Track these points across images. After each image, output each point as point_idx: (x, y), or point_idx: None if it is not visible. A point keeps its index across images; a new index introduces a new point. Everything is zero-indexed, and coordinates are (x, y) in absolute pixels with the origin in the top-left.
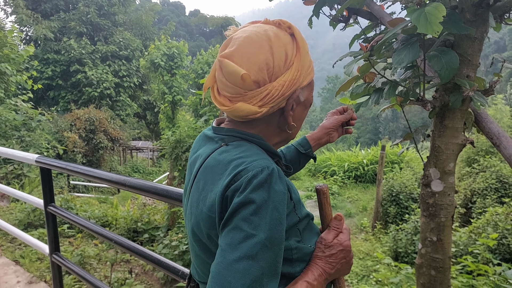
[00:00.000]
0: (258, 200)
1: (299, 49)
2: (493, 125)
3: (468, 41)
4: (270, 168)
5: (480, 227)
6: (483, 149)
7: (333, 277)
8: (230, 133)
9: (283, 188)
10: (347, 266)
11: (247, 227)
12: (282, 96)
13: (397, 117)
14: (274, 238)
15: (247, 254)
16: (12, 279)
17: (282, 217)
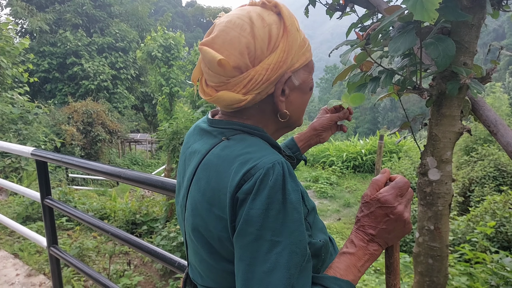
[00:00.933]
0: (276, 204)
1: (286, 28)
2: (490, 113)
3: (465, 28)
4: (281, 164)
5: (478, 216)
6: (481, 138)
7: (382, 240)
8: (230, 125)
9: (296, 185)
10: (395, 226)
11: (270, 235)
12: (267, 81)
13: (396, 107)
14: (299, 241)
15: (277, 264)
16: (11, 272)
17: (302, 216)
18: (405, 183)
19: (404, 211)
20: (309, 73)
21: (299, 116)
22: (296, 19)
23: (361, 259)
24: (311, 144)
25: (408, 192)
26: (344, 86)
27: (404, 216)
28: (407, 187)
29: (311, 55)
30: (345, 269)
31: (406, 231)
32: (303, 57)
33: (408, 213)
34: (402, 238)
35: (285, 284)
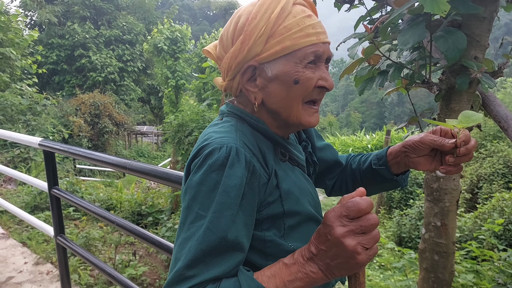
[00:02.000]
0: (210, 182)
1: (249, 18)
2: (501, 108)
3: (476, 21)
4: (229, 147)
5: (486, 213)
6: (490, 134)
7: (323, 263)
8: (232, 109)
9: (241, 171)
10: (336, 252)
11: (197, 208)
12: (230, 69)
13: (403, 102)
14: (219, 223)
15: (191, 235)
16: (19, 260)
17: (234, 202)
18: (357, 204)
19: (344, 235)
20: (296, 64)
21: (288, 112)
22: (287, 6)
23: (292, 274)
24: (399, 162)
25: (364, 218)
26: (352, 80)
27: (344, 243)
28: (357, 210)
29: (298, 44)
30: (269, 276)
31: (352, 264)
32: (277, 47)
33: (354, 241)
34: (352, 272)
35: (192, 255)
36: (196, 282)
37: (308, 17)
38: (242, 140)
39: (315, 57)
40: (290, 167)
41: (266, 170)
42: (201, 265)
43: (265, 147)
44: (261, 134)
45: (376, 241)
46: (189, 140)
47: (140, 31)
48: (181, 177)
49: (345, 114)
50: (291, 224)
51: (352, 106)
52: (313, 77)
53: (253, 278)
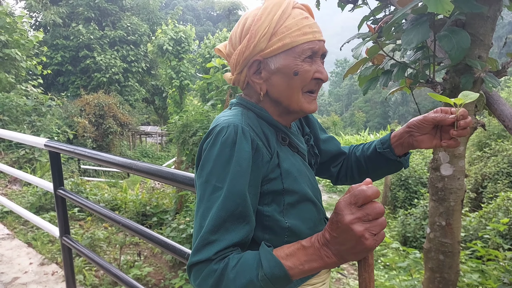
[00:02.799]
0: (224, 156)
1: (254, 19)
2: (505, 107)
3: (480, 21)
4: (235, 126)
5: (490, 212)
6: (494, 133)
7: (335, 249)
8: (240, 101)
9: (247, 146)
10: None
11: (214, 181)
12: (238, 64)
13: (407, 101)
14: (235, 190)
15: (212, 205)
16: (24, 260)
17: (246, 171)
18: (363, 192)
19: (352, 222)
20: (295, 58)
21: (289, 100)
22: (287, 9)
23: (309, 255)
24: (403, 143)
25: (370, 207)
26: (355, 79)
27: (353, 229)
28: (364, 198)
29: (297, 41)
30: (287, 254)
31: (361, 249)
32: (279, 43)
33: (362, 227)
34: (362, 257)
35: (214, 221)
36: (221, 247)
37: (305, 18)
38: (247, 122)
39: (312, 52)
40: (291, 152)
41: (269, 150)
42: (222, 230)
43: (268, 131)
44: (265, 121)
45: (382, 227)
46: (194, 140)
47: (144, 32)
48: (186, 178)
49: (349, 114)
50: (290, 201)
51: (356, 106)
52: (310, 69)
53: (273, 254)
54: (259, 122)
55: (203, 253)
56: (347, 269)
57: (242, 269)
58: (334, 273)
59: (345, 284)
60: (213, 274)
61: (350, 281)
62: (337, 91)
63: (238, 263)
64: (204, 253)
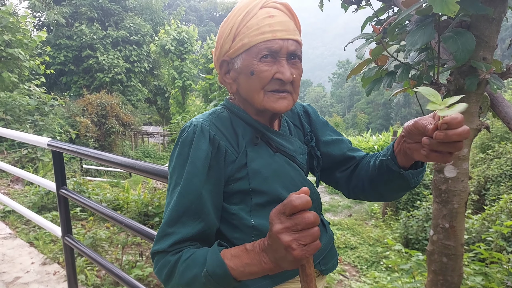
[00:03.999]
0: (183, 155)
1: (225, 19)
2: (509, 109)
3: (485, 22)
4: (196, 126)
5: (493, 214)
6: (498, 135)
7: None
8: (224, 101)
9: (205, 145)
10: (277, 246)
11: (175, 177)
12: (216, 65)
13: (409, 103)
14: (188, 189)
15: (172, 200)
16: (26, 260)
17: (201, 171)
18: (290, 201)
19: (280, 232)
20: (253, 58)
21: (251, 98)
22: (253, 9)
23: (250, 259)
24: (401, 149)
25: (299, 217)
26: (358, 81)
27: (280, 239)
28: (290, 207)
29: (254, 41)
30: (233, 255)
31: (290, 258)
32: (239, 43)
33: (290, 237)
34: (295, 266)
35: (170, 215)
36: (175, 240)
37: (269, 17)
38: (212, 122)
39: (268, 52)
40: (270, 153)
41: (236, 149)
42: (178, 224)
43: (242, 131)
44: (243, 121)
45: (313, 239)
46: None
47: (147, 32)
48: None
49: (351, 115)
50: (258, 202)
51: (358, 107)
52: (268, 69)
53: (218, 253)
54: (233, 121)
55: (160, 244)
56: (348, 270)
57: (191, 264)
58: (336, 275)
59: (347, 286)
60: (167, 265)
61: (352, 283)
62: (339, 92)
63: (189, 257)
64: (162, 244)
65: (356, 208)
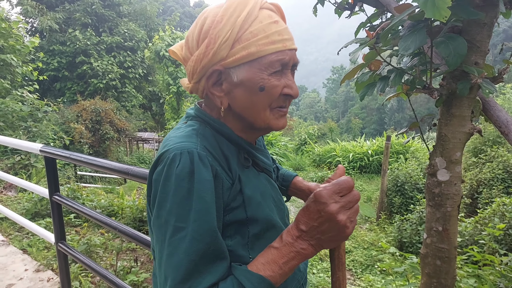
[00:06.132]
0: (182, 191)
1: (214, 21)
2: (501, 113)
3: (477, 27)
4: (190, 153)
5: (486, 218)
6: (490, 139)
7: (314, 239)
8: (198, 113)
9: (208, 175)
10: (328, 227)
11: (173, 221)
12: (195, 72)
13: (403, 108)
14: (203, 230)
15: (178, 249)
16: (19, 267)
17: (211, 206)
18: (348, 182)
19: (338, 211)
20: (261, 71)
21: (254, 116)
22: (253, 10)
23: (285, 256)
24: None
25: (351, 194)
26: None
27: (338, 218)
28: (349, 187)
29: (264, 51)
30: (264, 264)
31: (342, 236)
32: (243, 52)
33: (345, 216)
34: (339, 244)
35: (185, 267)
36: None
37: (274, 23)
38: (203, 145)
39: (281, 65)
40: (255, 173)
41: (230, 175)
42: (196, 275)
43: (228, 152)
44: (225, 138)
45: (357, 213)
46: None
47: (141, 38)
48: None
49: (346, 120)
50: (255, 232)
51: (352, 112)
52: (278, 84)
53: (250, 271)
54: (217, 140)
55: None
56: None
57: None
58: None
59: None
60: None
61: (347, 286)
62: (333, 97)
63: None
64: None
65: None
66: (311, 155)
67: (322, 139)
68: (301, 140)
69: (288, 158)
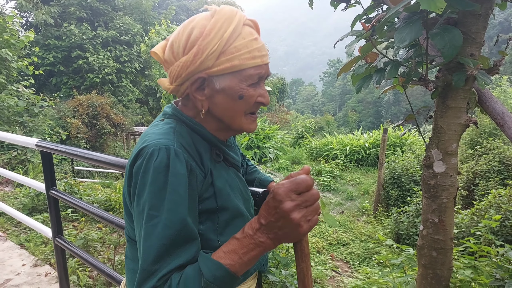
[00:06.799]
0: (158, 183)
1: (203, 33)
2: (497, 105)
3: (472, 18)
4: (167, 149)
5: (482, 209)
6: (486, 131)
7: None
8: (175, 112)
9: (182, 169)
10: (283, 223)
11: (147, 209)
12: (179, 76)
13: (399, 101)
14: (174, 218)
15: (151, 234)
16: (17, 262)
17: (183, 198)
18: (305, 180)
19: (292, 210)
20: (241, 81)
21: (231, 120)
22: (237, 27)
23: (245, 247)
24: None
25: (309, 194)
26: (349, 79)
27: (291, 216)
28: (306, 186)
29: (245, 65)
30: (225, 252)
31: (296, 234)
32: (227, 64)
33: (300, 214)
34: (296, 241)
35: (156, 250)
36: (162, 274)
37: (255, 40)
38: (179, 142)
39: (259, 78)
40: (225, 167)
41: (202, 169)
42: (166, 257)
43: (201, 148)
44: (199, 136)
45: (316, 213)
46: None
47: (137, 32)
48: None
49: (342, 114)
50: (224, 219)
51: (349, 106)
52: (254, 94)
53: (211, 258)
54: (192, 138)
55: (147, 284)
56: (341, 266)
57: (186, 285)
58: (329, 271)
59: (339, 282)
60: None
61: (344, 279)
62: (330, 91)
63: (180, 280)
64: (148, 284)
65: (347, 205)
66: (308, 148)
67: (319, 132)
68: (298, 133)
69: (285, 151)
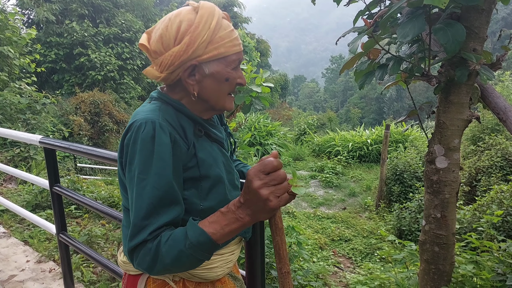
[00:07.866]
0: (145, 151)
1: (192, 25)
2: (499, 100)
3: (475, 13)
4: (153, 122)
5: (484, 205)
6: (488, 127)
7: (249, 210)
8: (160, 95)
9: (166, 139)
10: (256, 200)
11: (137, 173)
12: (172, 65)
13: (402, 97)
14: (161, 181)
15: (142, 194)
16: (21, 258)
17: (168, 163)
18: (271, 162)
19: (260, 187)
20: (227, 66)
21: (217, 100)
22: (213, 22)
23: (227, 220)
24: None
25: (276, 174)
26: (351, 76)
27: (260, 192)
28: (272, 167)
29: (229, 52)
30: (210, 222)
31: (268, 209)
32: (214, 51)
33: (268, 191)
34: (270, 215)
35: (145, 207)
36: (154, 228)
37: (232, 31)
38: (164, 117)
39: (239, 62)
40: (208, 142)
41: (186, 141)
42: (154, 214)
43: (185, 124)
44: (183, 115)
45: (285, 190)
46: None
47: (139, 29)
48: None
49: (345, 110)
50: (207, 186)
51: (351, 102)
52: (236, 76)
53: (197, 225)
54: (177, 116)
55: (139, 237)
56: (343, 262)
57: (173, 243)
58: (331, 267)
59: (341, 277)
60: (148, 252)
61: (346, 274)
62: (332, 87)
63: (169, 238)
64: (140, 237)
65: (350, 201)
66: (311, 145)
67: (322, 129)
68: (300, 130)
69: (287, 148)
